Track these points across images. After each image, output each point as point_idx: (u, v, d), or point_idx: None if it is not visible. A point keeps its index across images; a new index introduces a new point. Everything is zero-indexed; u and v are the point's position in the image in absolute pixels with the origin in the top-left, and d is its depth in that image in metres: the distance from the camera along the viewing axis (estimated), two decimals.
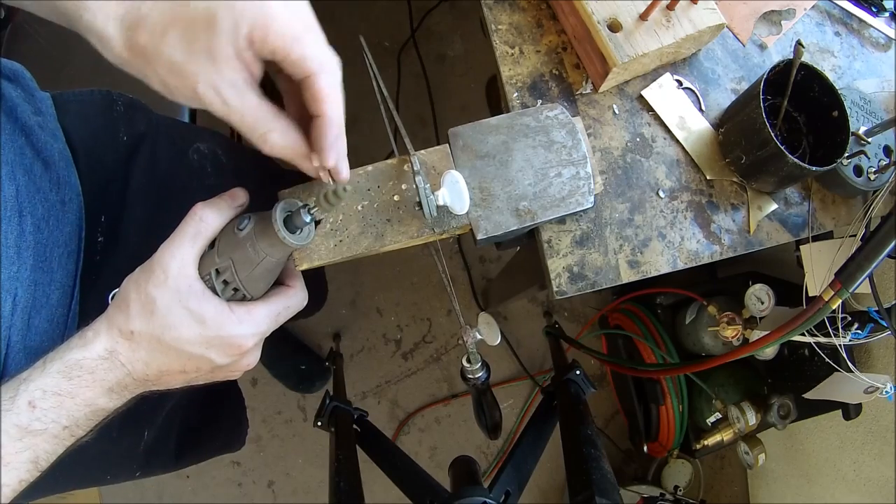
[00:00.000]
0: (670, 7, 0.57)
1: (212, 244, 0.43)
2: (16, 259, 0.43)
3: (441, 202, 0.48)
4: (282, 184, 0.51)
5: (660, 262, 0.59)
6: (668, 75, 0.62)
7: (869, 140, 0.59)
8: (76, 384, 0.39)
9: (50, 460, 0.39)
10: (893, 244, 0.48)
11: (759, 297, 0.89)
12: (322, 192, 0.41)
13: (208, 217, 0.42)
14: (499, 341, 0.57)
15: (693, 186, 0.61)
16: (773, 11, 0.66)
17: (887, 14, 0.68)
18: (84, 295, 0.51)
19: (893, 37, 0.68)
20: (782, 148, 0.53)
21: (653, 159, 0.61)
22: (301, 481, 1.49)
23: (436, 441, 1.52)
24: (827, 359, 0.64)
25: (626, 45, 0.56)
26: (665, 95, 0.62)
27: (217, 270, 0.42)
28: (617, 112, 0.62)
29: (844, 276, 0.50)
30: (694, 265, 0.60)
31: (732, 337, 0.92)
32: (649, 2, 0.55)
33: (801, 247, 0.63)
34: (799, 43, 0.54)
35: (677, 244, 0.59)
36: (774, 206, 0.62)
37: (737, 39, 0.65)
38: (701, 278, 1.22)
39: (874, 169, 0.60)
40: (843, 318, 0.61)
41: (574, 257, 0.58)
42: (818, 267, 0.62)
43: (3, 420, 0.36)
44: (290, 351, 1.46)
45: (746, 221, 0.61)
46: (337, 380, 1.19)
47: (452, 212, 0.48)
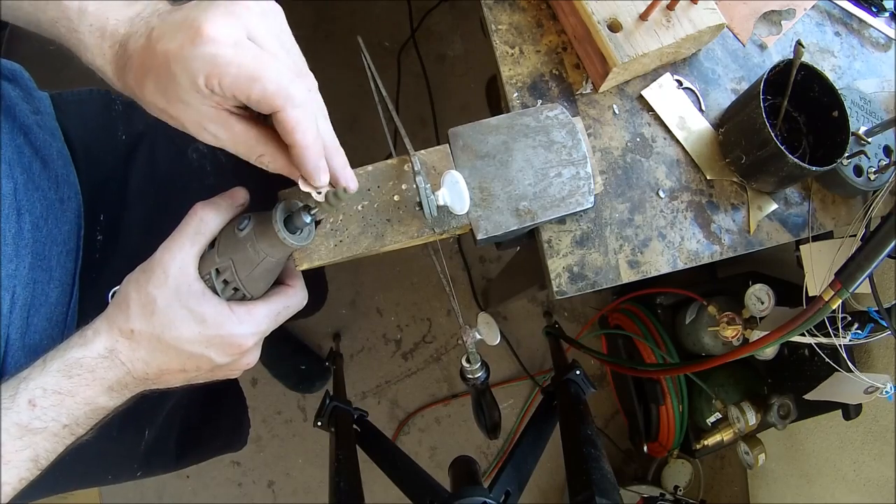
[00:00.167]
0: (670, 7, 0.57)
1: (212, 244, 0.43)
2: (14, 257, 0.43)
3: (441, 202, 0.47)
4: (282, 184, 0.51)
5: (660, 262, 0.59)
6: (668, 75, 0.63)
7: (869, 140, 0.59)
8: (76, 383, 0.39)
9: (50, 459, 0.39)
10: (893, 244, 0.48)
11: (759, 297, 0.89)
12: (322, 193, 0.41)
13: (208, 217, 0.42)
14: (498, 341, 0.58)
15: (693, 186, 0.61)
16: (773, 11, 0.66)
17: (887, 14, 0.68)
18: (83, 293, 0.51)
19: (893, 37, 0.68)
20: (782, 148, 0.53)
21: (653, 159, 0.61)
22: (301, 481, 1.49)
23: (436, 441, 1.52)
24: (827, 359, 0.64)
25: (626, 45, 0.56)
26: (665, 95, 0.62)
27: (217, 270, 0.42)
28: (617, 112, 0.62)
29: (844, 276, 0.50)
30: (694, 265, 0.60)
31: (732, 337, 0.92)
32: (649, 2, 0.55)
33: (801, 247, 0.63)
34: (799, 43, 0.54)
35: (677, 244, 0.59)
36: (774, 206, 0.62)
37: (737, 39, 0.65)
38: (701, 278, 1.22)
39: (874, 169, 0.60)
40: (843, 319, 0.61)
41: (574, 257, 0.58)
42: (818, 267, 0.62)
43: (4, 418, 0.36)
44: (290, 351, 1.46)
45: (746, 221, 0.61)
46: (337, 380, 1.19)
47: (452, 212, 0.48)
